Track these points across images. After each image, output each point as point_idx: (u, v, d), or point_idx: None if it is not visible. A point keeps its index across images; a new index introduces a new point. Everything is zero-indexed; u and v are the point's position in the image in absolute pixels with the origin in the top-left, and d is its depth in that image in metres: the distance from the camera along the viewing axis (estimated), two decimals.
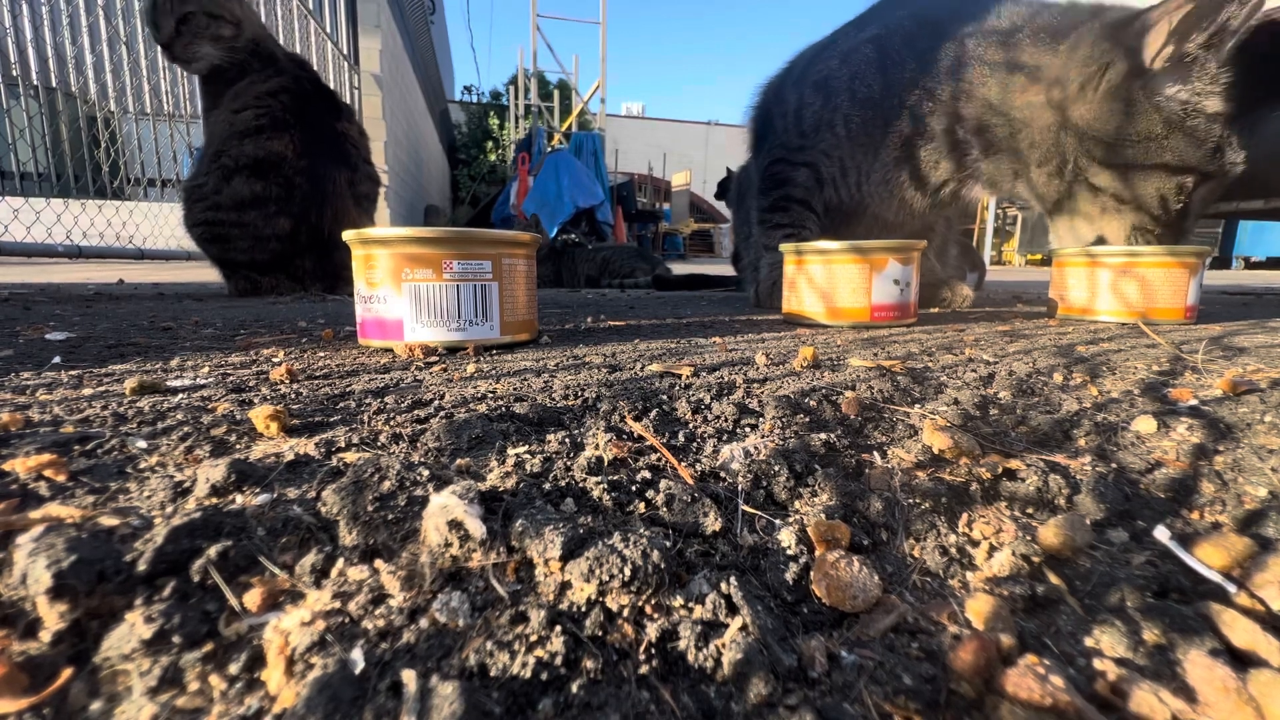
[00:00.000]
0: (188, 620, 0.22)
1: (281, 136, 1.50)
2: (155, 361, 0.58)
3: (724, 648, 0.22)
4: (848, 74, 1.17)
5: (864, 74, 1.15)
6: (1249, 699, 0.21)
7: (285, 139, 1.50)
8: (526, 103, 9.59)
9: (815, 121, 1.22)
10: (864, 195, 1.22)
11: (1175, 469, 0.38)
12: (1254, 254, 8.05)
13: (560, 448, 0.36)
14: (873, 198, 1.21)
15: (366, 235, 0.64)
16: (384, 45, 5.43)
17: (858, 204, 1.25)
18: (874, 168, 1.18)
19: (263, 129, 1.49)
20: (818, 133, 1.22)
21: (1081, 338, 0.79)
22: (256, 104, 1.52)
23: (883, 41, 1.14)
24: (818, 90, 1.22)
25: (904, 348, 0.69)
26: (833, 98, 1.19)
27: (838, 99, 1.18)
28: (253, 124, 1.49)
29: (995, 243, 8.95)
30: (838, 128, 1.19)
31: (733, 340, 0.77)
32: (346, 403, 0.44)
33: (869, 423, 0.42)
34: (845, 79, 1.17)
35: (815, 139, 1.23)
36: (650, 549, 0.25)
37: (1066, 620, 0.25)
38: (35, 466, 0.30)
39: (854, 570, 0.26)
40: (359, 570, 0.25)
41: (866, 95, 1.14)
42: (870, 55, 1.15)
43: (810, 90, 1.23)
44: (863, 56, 1.16)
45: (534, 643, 0.22)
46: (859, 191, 1.23)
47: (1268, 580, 0.27)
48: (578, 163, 6.39)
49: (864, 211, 1.25)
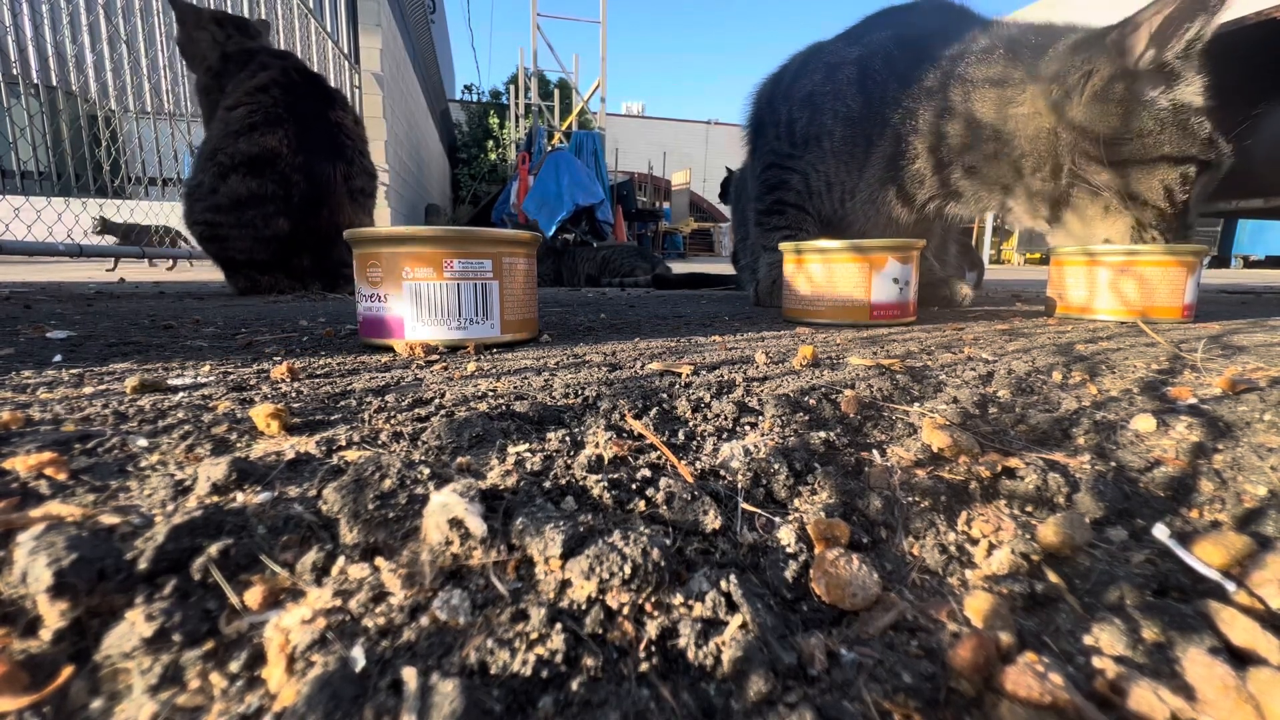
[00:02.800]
0: (188, 618, 0.22)
1: (275, 132, 1.50)
2: (156, 360, 0.58)
3: (724, 645, 0.22)
4: (831, 91, 1.20)
5: (845, 93, 1.18)
6: (1248, 697, 0.21)
7: (279, 134, 1.50)
8: (527, 102, 9.58)
9: (805, 134, 1.25)
10: (848, 211, 1.25)
11: (1174, 467, 0.38)
12: (1253, 253, 8.05)
13: (561, 446, 0.36)
14: (857, 214, 1.24)
15: (367, 234, 0.64)
16: (384, 44, 5.43)
17: (841, 219, 1.27)
18: (859, 185, 1.20)
19: (255, 126, 1.49)
20: (806, 145, 1.25)
21: (1080, 336, 0.79)
22: (248, 100, 1.52)
23: (864, 62, 1.17)
24: (804, 105, 1.24)
25: (903, 346, 0.69)
26: (818, 115, 1.21)
27: (823, 117, 1.21)
28: (245, 121, 1.49)
29: (994, 241, 8.95)
30: (824, 142, 1.22)
31: (732, 339, 0.77)
32: (347, 401, 0.44)
33: (868, 421, 0.42)
34: (829, 96, 1.20)
35: (804, 150, 1.25)
36: (650, 547, 0.25)
37: (1066, 618, 0.25)
38: (36, 465, 0.30)
39: (853, 568, 0.26)
40: (360, 568, 0.25)
41: (848, 114, 1.17)
42: (852, 75, 1.17)
43: (798, 105, 1.26)
44: (845, 76, 1.18)
45: (534, 641, 0.22)
46: (843, 208, 1.25)
47: (1267, 578, 0.27)
48: (578, 162, 6.39)
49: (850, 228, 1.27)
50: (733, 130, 8.76)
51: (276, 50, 1.73)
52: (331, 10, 5.01)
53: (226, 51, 1.65)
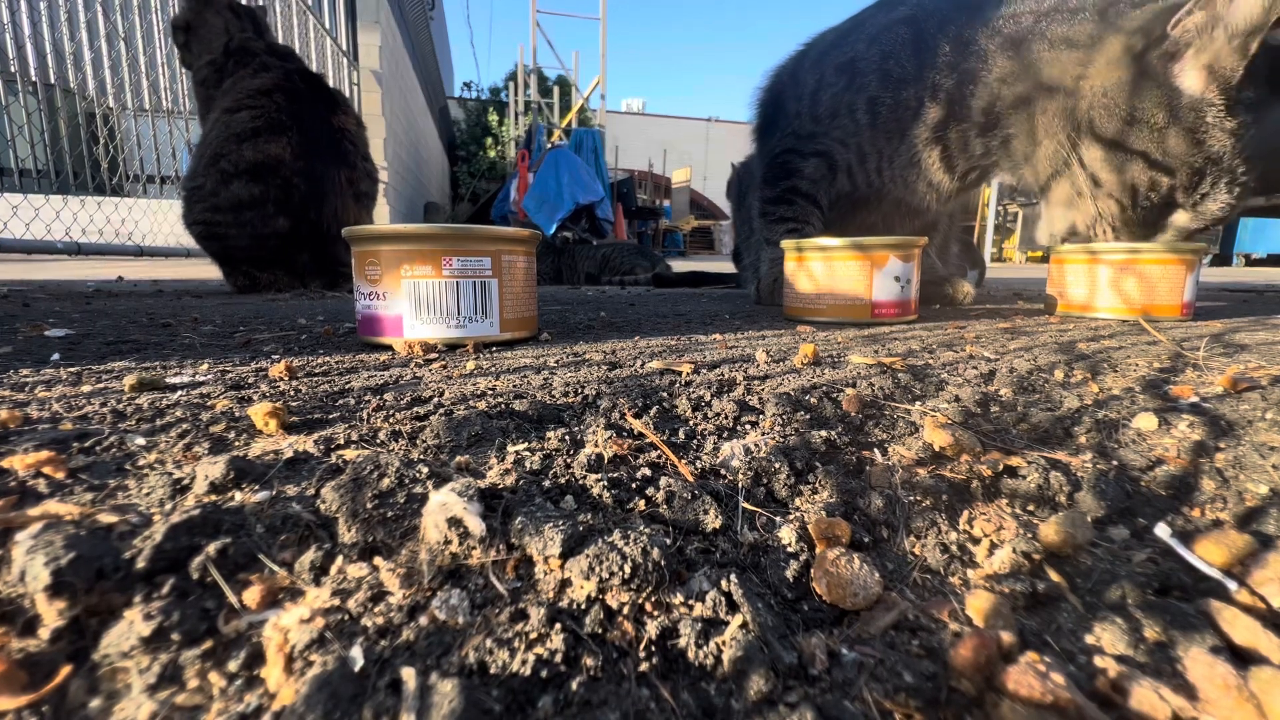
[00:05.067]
0: (187, 617, 0.22)
1: (279, 139, 1.49)
2: (154, 358, 0.58)
3: (724, 645, 0.22)
4: (878, 54, 1.14)
5: (897, 54, 1.12)
6: (1249, 696, 0.21)
7: (283, 141, 1.49)
8: (526, 99, 9.57)
9: (833, 106, 1.19)
10: (884, 181, 1.20)
11: (1176, 466, 0.38)
12: (1255, 251, 8.04)
13: (560, 445, 0.36)
14: (895, 182, 1.19)
15: (366, 232, 0.64)
16: (383, 41, 5.42)
17: (876, 190, 1.22)
18: (899, 151, 1.16)
19: (259, 131, 1.48)
20: (835, 118, 1.19)
21: (1082, 335, 0.78)
22: (251, 104, 1.50)
23: (917, 21, 1.12)
24: (841, 72, 1.19)
25: (905, 345, 0.69)
26: (859, 78, 1.16)
27: (865, 79, 1.15)
28: (249, 126, 1.48)
29: (996, 240, 8.94)
30: (859, 112, 1.17)
31: (733, 337, 0.77)
32: (346, 400, 0.44)
33: (870, 420, 0.42)
34: (876, 59, 1.14)
35: (831, 125, 1.20)
36: (650, 546, 0.25)
37: (1067, 617, 0.25)
38: (34, 464, 0.30)
39: (854, 568, 0.26)
40: (358, 567, 0.25)
41: (900, 75, 1.12)
42: (905, 35, 1.12)
43: (833, 72, 1.20)
44: (896, 36, 1.13)
45: (534, 640, 0.22)
46: (879, 177, 1.20)
47: (1268, 577, 0.27)
48: (578, 159, 6.38)
49: (883, 197, 1.23)
50: (733, 127, 8.71)
51: (278, 49, 1.72)
52: (330, 7, 5.00)
53: (231, 45, 1.63)
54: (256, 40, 1.68)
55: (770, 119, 1.38)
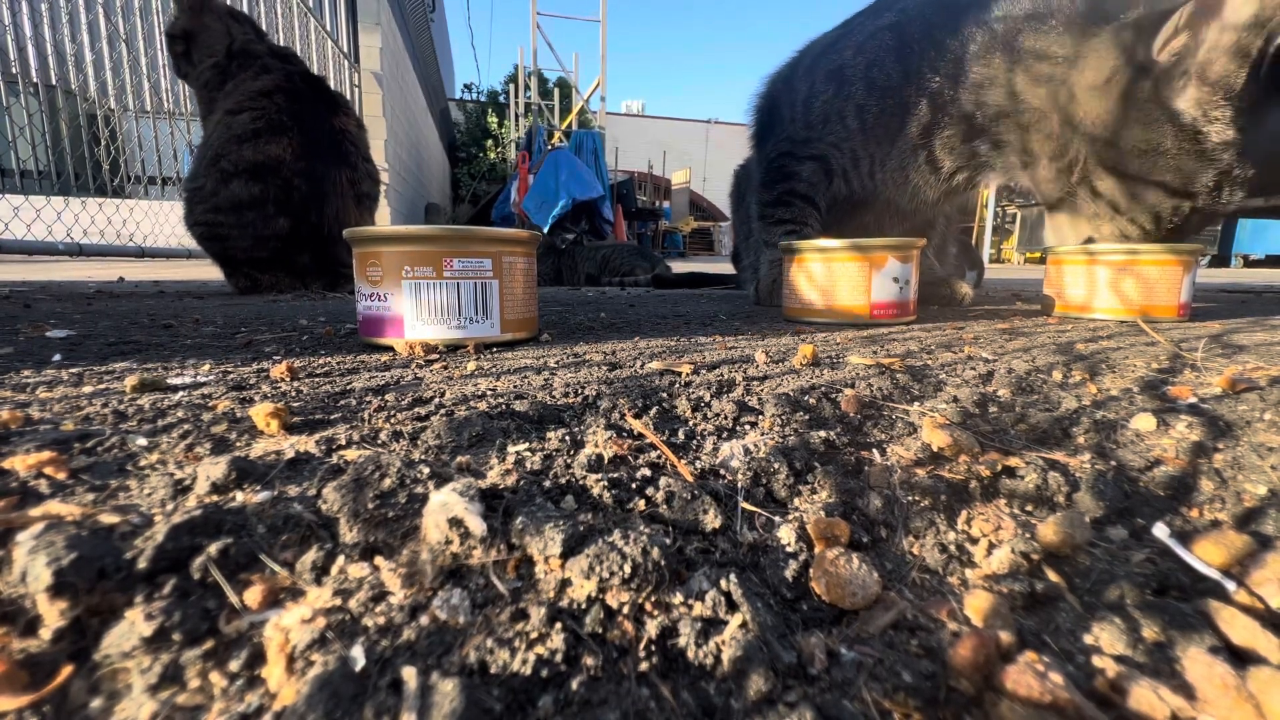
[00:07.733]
0: (188, 617, 0.22)
1: (279, 140, 1.49)
2: (155, 359, 0.58)
3: (724, 645, 0.22)
4: (864, 61, 1.16)
5: (881, 61, 1.14)
6: (1248, 696, 0.21)
7: (283, 142, 1.49)
8: (526, 101, 9.58)
9: (824, 112, 1.20)
10: (878, 184, 1.21)
11: (1174, 466, 0.38)
12: (1253, 252, 8.03)
13: (560, 445, 0.36)
14: (887, 185, 1.20)
15: (367, 233, 0.64)
16: (384, 43, 5.42)
17: (870, 193, 1.23)
18: (889, 155, 1.17)
19: (260, 133, 1.48)
20: (826, 124, 1.21)
21: (1080, 335, 0.79)
22: (252, 105, 1.51)
23: (901, 28, 1.13)
24: (830, 79, 1.20)
25: (903, 345, 0.69)
26: (846, 86, 1.17)
27: (852, 87, 1.16)
28: (250, 127, 1.48)
29: (994, 240, 8.93)
30: (849, 118, 1.18)
31: (732, 338, 0.77)
32: (347, 400, 0.44)
33: (868, 420, 0.42)
34: (861, 67, 1.16)
35: (824, 130, 1.21)
36: (650, 546, 0.25)
37: (1066, 617, 0.25)
38: (35, 464, 0.30)
39: (853, 567, 0.26)
40: (359, 567, 0.25)
41: (884, 82, 1.13)
42: (888, 42, 1.14)
43: (822, 79, 1.22)
44: (880, 44, 1.15)
45: (534, 640, 0.22)
46: (873, 180, 1.21)
47: (1267, 578, 0.27)
48: (577, 160, 6.39)
49: (876, 199, 1.24)
50: (733, 129, 8.72)
51: (280, 51, 1.72)
52: (331, 9, 5.01)
53: (234, 48, 1.64)
54: (258, 43, 1.68)
55: (766, 125, 1.40)
